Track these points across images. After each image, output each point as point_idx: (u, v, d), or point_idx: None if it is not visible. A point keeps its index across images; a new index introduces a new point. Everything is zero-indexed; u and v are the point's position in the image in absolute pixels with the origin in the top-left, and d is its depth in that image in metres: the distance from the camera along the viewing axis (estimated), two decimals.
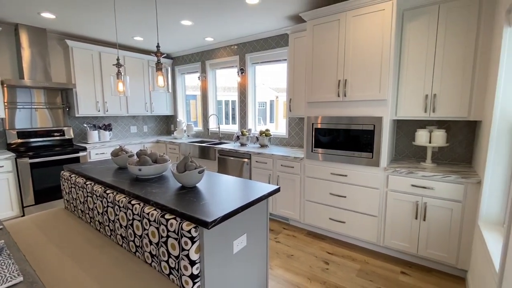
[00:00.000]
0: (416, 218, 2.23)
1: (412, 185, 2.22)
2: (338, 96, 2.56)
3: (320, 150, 2.73)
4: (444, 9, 2.17)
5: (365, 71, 2.38)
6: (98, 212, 1.78)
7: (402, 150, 2.79)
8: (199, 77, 4.71)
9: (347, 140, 2.54)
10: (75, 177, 2.06)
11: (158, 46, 1.87)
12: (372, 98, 2.37)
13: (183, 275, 1.24)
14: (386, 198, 2.38)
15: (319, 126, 2.72)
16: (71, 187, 2.08)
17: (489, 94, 1.89)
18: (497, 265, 1.33)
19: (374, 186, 2.43)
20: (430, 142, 2.37)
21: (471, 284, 1.92)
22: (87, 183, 1.89)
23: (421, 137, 2.37)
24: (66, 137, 3.85)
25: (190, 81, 5.19)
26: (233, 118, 4.94)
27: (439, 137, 2.30)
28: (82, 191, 1.93)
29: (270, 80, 4.20)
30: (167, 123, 5.48)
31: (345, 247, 2.64)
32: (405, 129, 2.75)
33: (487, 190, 1.78)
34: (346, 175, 2.59)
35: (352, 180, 2.56)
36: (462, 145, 2.47)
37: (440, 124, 2.55)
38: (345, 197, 2.62)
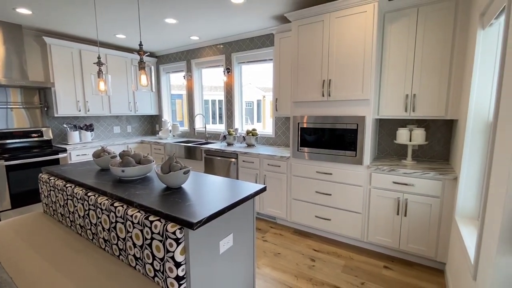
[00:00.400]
0: (398, 214, 2.31)
1: (394, 182, 2.29)
2: (323, 96, 2.60)
3: (306, 149, 2.77)
4: (422, 12, 2.25)
5: (349, 71, 2.44)
6: (79, 215, 1.72)
7: (384, 148, 2.87)
8: (184, 76, 4.64)
9: (332, 139, 2.59)
10: (54, 179, 1.98)
11: (141, 45, 1.83)
12: (355, 98, 2.42)
13: (168, 277, 1.23)
14: (369, 195, 2.45)
15: (304, 125, 2.76)
16: (50, 190, 2.00)
17: (465, 94, 1.98)
18: (472, 257, 1.40)
19: (358, 184, 2.49)
20: (410, 141, 2.45)
21: (449, 276, 2.01)
22: (67, 185, 1.83)
23: (402, 135, 2.45)
24: (45, 138, 3.70)
25: (176, 80, 5.12)
26: (220, 117, 4.91)
27: (418, 136, 2.38)
28: (62, 194, 1.86)
29: (257, 79, 4.21)
30: (151, 123, 5.37)
31: (331, 244, 2.69)
32: (387, 128, 2.83)
33: (463, 186, 1.86)
34: (331, 174, 2.64)
35: (337, 178, 2.61)
36: (440, 143, 2.58)
37: (420, 123, 2.65)
38: (330, 195, 2.67)
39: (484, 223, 1.25)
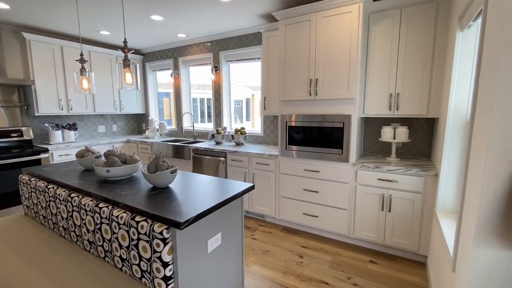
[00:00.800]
0: (383, 209, 2.37)
1: (379, 179, 2.36)
2: (310, 94, 2.63)
3: (294, 147, 2.80)
4: (405, 13, 2.31)
5: (335, 70, 2.47)
6: (62, 217, 1.68)
7: (370, 146, 2.94)
8: (171, 74, 4.58)
9: (319, 137, 2.63)
10: (35, 180, 1.92)
11: (125, 42, 1.80)
12: (341, 97, 2.46)
13: (156, 277, 1.22)
14: (355, 192, 2.50)
15: (292, 124, 2.78)
16: (31, 191, 1.93)
17: (445, 93, 2.06)
18: (452, 250, 1.46)
19: (344, 181, 2.54)
20: (394, 138, 2.52)
21: (430, 268, 2.09)
22: (49, 186, 1.78)
23: (386, 133, 2.52)
24: (25, 138, 3.56)
25: (163, 78, 5.04)
26: (209, 116, 4.88)
27: (402, 134, 2.45)
28: (44, 196, 1.80)
29: (246, 78, 4.20)
30: (138, 122, 5.27)
31: (318, 240, 2.74)
32: (372, 126, 2.90)
33: (443, 182, 1.94)
34: (318, 171, 2.68)
35: (324, 176, 2.65)
36: (422, 140, 2.66)
37: (403, 121, 2.73)
38: (317, 192, 2.71)
39: (462, 217, 1.31)
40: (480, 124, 1.13)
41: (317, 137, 2.64)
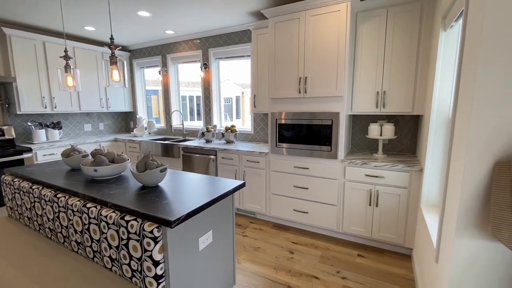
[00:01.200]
0: (370, 204, 2.44)
1: (366, 175, 2.41)
2: (299, 92, 2.66)
3: (284, 144, 2.82)
4: (391, 13, 2.37)
5: (323, 69, 2.51)
6: (48, 218, 1.64)
7: (357, 143, 3.00)
8: (159, 72, 4.51)
9: (309, 134, 2.66)
10: (18, 181, 1.86)
11: (112, 38, 1.76)
12: (330, 95, 2.50)
13: (147, 276, 1.21)
14: (343, 188, 2.56)
15: (282, 121, 2.80)
16: (15, 192, 1.87)
17: (429, 91, 2.12)
18: (435, 242, 1.52)
19: (333, 177, 2.59)
20: (381, 135, 2.58)
21: (415, 260, 2.17)
22: (33, 187, 1.73)
23: (373, 130, 2.58)
24: (7, 137, 3.44)
25: (151, 76, 4.95)
26: (198, 114, 4.84)
27: (388, 131, 2.52)
28: (28, 197, 1.75)
29: (236, 75, 4.19)
30: (126, 120, 5.17)
31: (308, 236, 2.78)
32: (359, 123, 2.96)
33: (427, 177, 2.01)
34: (308, 168, 2.72)
35: (314, 173, 2.69)
36: (408, 137, 2.74)
37: (389, 118, 2.79)
38: (307, 188, 2.75)
39: (444, 210, 1.36)
40: (461, 121, 1.18)
41: (307, 134, 2.67)
